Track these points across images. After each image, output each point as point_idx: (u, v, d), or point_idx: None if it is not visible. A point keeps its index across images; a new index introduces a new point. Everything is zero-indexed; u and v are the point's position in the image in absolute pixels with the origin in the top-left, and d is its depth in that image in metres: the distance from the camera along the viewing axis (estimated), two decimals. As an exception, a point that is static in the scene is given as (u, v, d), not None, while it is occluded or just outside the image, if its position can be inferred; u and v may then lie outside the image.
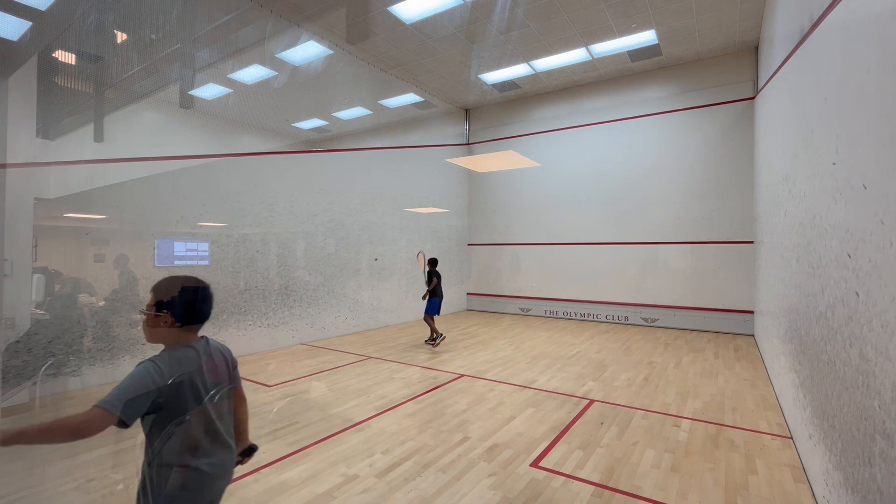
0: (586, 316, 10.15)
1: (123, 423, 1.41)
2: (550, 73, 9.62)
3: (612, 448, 3.63)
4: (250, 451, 1.90)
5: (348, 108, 11.56)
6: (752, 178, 8.29)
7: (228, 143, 11.81)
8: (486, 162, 12.13)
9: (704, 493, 2.97)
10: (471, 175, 12.37)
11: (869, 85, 1.90)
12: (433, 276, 7.54)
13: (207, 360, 1.66)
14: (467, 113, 12.27)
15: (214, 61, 8.31)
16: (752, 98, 8.33)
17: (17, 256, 4.63)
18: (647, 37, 8.00)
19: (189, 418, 1.55)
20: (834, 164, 2.41)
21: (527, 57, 8.81)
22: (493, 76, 9.75)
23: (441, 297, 7.60)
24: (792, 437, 3.76)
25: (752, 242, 8.30)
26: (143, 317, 1.60)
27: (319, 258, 8.16)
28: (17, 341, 4.59)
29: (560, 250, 10.60)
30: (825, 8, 2.70)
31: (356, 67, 9.12)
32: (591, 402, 4.75)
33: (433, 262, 7.65)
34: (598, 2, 6.83)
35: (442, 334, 7.56)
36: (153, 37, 6.87)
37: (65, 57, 5.93)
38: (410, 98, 10.92)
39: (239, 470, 3.29)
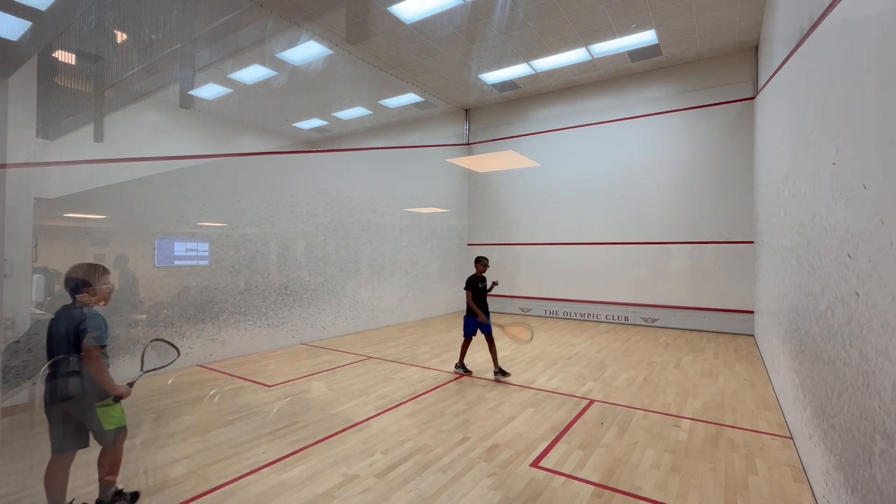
0: (586, 316, 10.14)
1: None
2: (550, 73, 9.62)
3: (612, 448, 3.63)
4: (114, 397, 2.71)
5: (348, 108, 11.56)
6: (752, 178, 8.29)
7: (228, 143, 11.81)
8: (486, 162, 12.13)
9: (704, 493, 2.96)
10: (471, 175, 12.37)
11: (869, 85, 1.90)
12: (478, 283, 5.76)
13: (53, 320, 2.65)
14: (467, 113, 12.27)
15: (214, 61, 8.31)
16: (752, 98, 8.33)
17: (17, 256, 4.63)
18: (647, 37, 8.00)
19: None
20: (834, 164, 2.41)
21: (527, 57, 8.81)
22: (493, 76, 9.75)
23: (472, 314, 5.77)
24: (792, 437, 3.76)
25: (752, 242, 8.30)
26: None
27: (319, 258, 8.16)
28: (17, 341, 4.59)
29: (560, 250, 10.60)
30: (825, 8, 2.70)
31: (356, 67, 9.12)
32: (591, 402, 4.75)
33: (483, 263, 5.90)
34: (598, 2, 6.83)
35: (465, 365, 5.96)
36: (153, 37, 6.87)
37: (65, 57, 5.93)
38: (410, 98, 10.91)
39: (239, 470, 3.31)
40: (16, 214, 4.69)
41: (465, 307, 5.82)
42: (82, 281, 2.70)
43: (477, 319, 5.67)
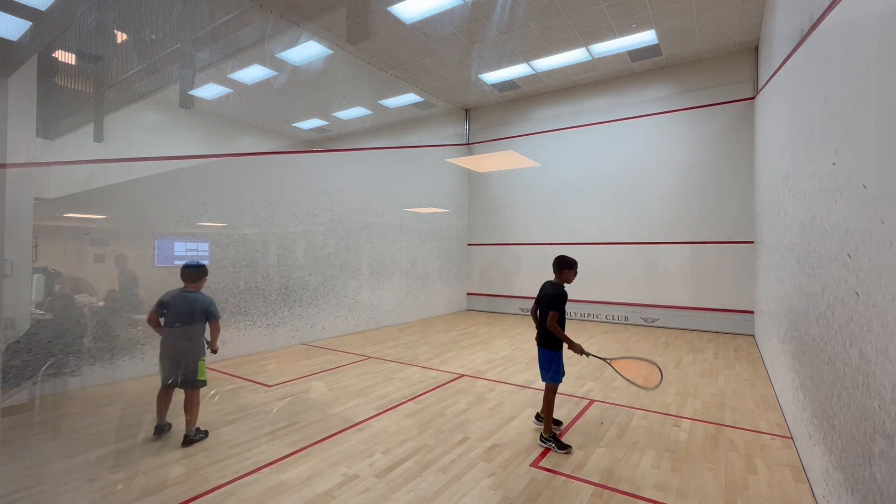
0: (586, 316, 10.14)
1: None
2: (550, 73, 9.62)
3: (612, 448, 3.63)
4: (213, 351, 3.93)
5: (348, 108, 11.56)
6: (752, 178, 8.29)
7: (228, 143, 11.82)
8: (486, 162, 12.13)
9: (704, 493, 2.96)
10: (471, 175, 12.37)
11: (869, 85, 1.90)
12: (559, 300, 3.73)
13: (178, 300, 3.83)
14: (467, 113, 12.27)
15: (214, 61, 8.32)
16: (752, 98, 8.33)
17: (17, 256, 4.63)
18: (647, 37, 8.00)
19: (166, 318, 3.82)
20: (834, 164, 2.41)
21: (527, 57, 8.81)
22: (493, 76, 9.75)
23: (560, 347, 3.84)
24: (792, 437, 3.76)
25: (752, 242, 8.30)
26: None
27: (319, 258, 8.16)
28: (17, 341, 4.59)
29: (560, 250, 10.57)
30: (825, 8, 2.70)
31: (356, 67, 9.12)
32: (591, 402, 4.75)
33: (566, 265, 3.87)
34: (598, 2, 6.83)
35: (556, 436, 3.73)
36: (153, 37, 6.87)
37: (65, 57, 5.94)
38: (410, 98, 10.92)
39: (239, 470, 3.31)
40: (16, 214, 4.69)
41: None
42: (203, 273, 3.98)
43: (560, 354, 3.81)
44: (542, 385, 3.89)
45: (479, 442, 3.74)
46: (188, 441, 3.69)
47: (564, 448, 3.57)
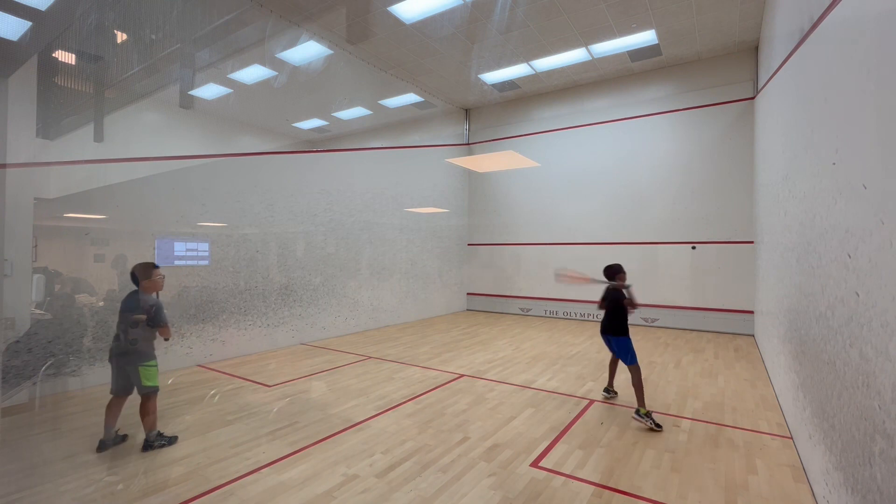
0: (586, 316, 10.14)
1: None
2: (550, 73, 9.62)
3: (612, 448, 3.63)
4: (164, 338, 3.90)
5: (348, 108, 11.56)
6: (752, 178, 8.29)
7: (228, 143, 11.81)
8: (486, 162, 12.13)
9: (704, 493, 2.96)
10: (471, 175, 12.37)
11: (869, 85, 1.90)
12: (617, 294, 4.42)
13: (124, 302, 3.71)
14: (467, 113, 12.27)
15: (214, 61, 8.32)
16: (752, 98, 8.33)
17: (17, 256, 4.63)
18: (647, 37, 8.00)
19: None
20: (834, 164, 2.41)
21: (527, 57, 8.81)
22: (493, 76, 9.75)
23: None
24: (792, 437, 3.76)
25: (752, 242, 8.30)
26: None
27: (319, 258, 8.16)
28: (17, 341, 4.59)
29: (560, 250, 10.60)
30: (825, 8, 2.70)
31: (356, 67, 9.12)
32: (591, 402, 4.75)
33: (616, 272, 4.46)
34: (598, 2, 6.83)
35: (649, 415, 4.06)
36: (153, 37, 6.87)
37: (65, 57, 5.93)
38: (410, 98, 10.92)
39: (239, 470, 3.31)
40: (16, 214, 4.69)
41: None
42: (145, 274, 3.73)
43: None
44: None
45: (479, 442, 3.74)
46: (147, 446, 3.58)
47: (659, 426, 3.97)
